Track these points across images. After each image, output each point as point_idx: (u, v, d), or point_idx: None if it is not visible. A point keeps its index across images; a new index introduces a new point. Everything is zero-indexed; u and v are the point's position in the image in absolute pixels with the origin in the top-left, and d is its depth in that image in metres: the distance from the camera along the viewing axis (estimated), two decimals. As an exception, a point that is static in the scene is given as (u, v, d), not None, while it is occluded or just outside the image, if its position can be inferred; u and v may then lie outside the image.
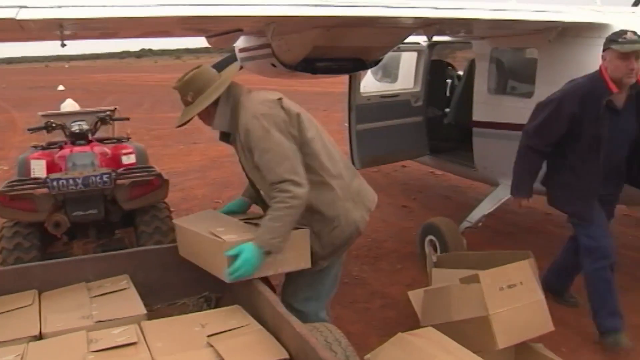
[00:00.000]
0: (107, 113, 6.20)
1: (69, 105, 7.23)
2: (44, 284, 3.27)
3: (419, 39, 6.30)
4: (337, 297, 3.55)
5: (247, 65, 5.35)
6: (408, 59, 6.83)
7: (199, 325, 2.75)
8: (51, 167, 5.09)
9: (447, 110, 6.96)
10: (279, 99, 3.04)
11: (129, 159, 5.41)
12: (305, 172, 2.95)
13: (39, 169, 5.15)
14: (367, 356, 3.11)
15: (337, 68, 5.03)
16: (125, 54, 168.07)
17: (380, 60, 5.28)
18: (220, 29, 4.61)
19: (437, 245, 5.24)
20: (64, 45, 3.57)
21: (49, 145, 5.68)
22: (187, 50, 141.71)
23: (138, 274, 3.38)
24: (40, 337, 2.75)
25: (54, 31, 3.44)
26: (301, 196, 2.87)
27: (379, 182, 8.39)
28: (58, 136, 5.88)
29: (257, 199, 3.38)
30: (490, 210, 5.37)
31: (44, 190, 4.56)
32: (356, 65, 5.12)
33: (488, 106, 5.45)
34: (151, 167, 5.08)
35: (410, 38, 5.09)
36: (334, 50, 4.64)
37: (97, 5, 3.23)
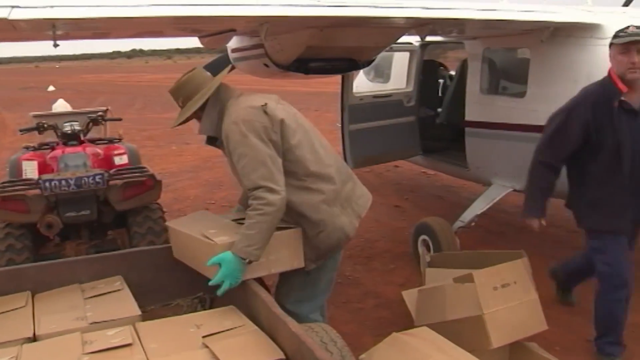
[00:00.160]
0: (99, 113, 6.16)
1: (61, 105, 7.21)
2: (37, 286, 3.25)
3: (412, 39, 6.31)
4: (331, 298, 3.54)
5: (240, 66, 5.34)
6: (400, 59, 6.85)
7: (194, 326, 2.75)
8: (43, 168, 5.07)
9: (440, 110, 6.99)
10: (264, 104, 2.99)
11: (121, 160, 5.40)
12: (285, 178, 2.93)
13: (30, 169, 5.14)
14: (362, 356, 3.11)
15: (330, 68, 5.03)
16: (116, 55, 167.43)
17: (373, 60, 5.29)
18: (214, 29, 4.60)
19: (431, 244, 5.25)
20: (56, 45, 3.55)
21: (41, 146, 5.64)
22: (178, 51, 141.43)
23: (131, 275, 3.37)
24: (34, 339, 2.73)
25: (47, 31, 3.41)
26: (275, 203, 2.83)
27: (371, 182, 8.39)
28: (50, 137, 5.85)
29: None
30: (483, 209, 5.38)
31: (36, 192, 4.54)
32: (349, 66, 5.13)
33: (480, 106, 5.46)
34: (144, 168, 5.07)
35: (403, 38, 5.11)
36: (327, 50, 4.65)
37: (90, 5, 3.21)
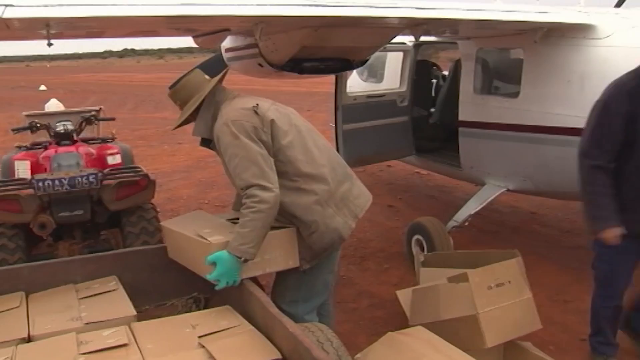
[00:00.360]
0: (92, 113, 6.14)
1: (54, 105, 7.18)
2: (31, 286, 3.24)
3: (405, 39, 6.32)
4: (325, 297, 3.56)
5: (234, 65, 5.33)
6: (394, 59, 6.86)
7: (190, 326, 2.75)
8: (35, 168, 5.04)
9: (433, 110, 7.00)
10: (255, 105, 3.02)
11: (114, 160, 5.38)
12: (277, 178, 2.93)
13: (23, 169, 5.11)
14: (358, 356, 3.11)
15: (324, 68, 5.02)
16: (108, 54, 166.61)
17: (367, 60, 5.29)
18: (208, 28, 4.60)
19: (424, 244, 5.26)
20: (50, 44, 3.54)
21: (33, 146, 5.61)
22: (170, 50, 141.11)
23: (126, 275, 3.36)
24: (29, 340, 2.72)
25: (41, 30, 3.40)
26: (268, 200, 2.84)
27: (364, 182, 8.17)
28: (42, 136, 5.82)
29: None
30: (477, 209, 5.39)
31: (29, 191, 4.50)
32: (343, 66, 5.11)
33: (474, 106, 5.47)
34: (138, 168, 5.04)
35: (397, 38, 5.12)
36: (321, 50, 4.64)
37: (84, 4, 3.19)
